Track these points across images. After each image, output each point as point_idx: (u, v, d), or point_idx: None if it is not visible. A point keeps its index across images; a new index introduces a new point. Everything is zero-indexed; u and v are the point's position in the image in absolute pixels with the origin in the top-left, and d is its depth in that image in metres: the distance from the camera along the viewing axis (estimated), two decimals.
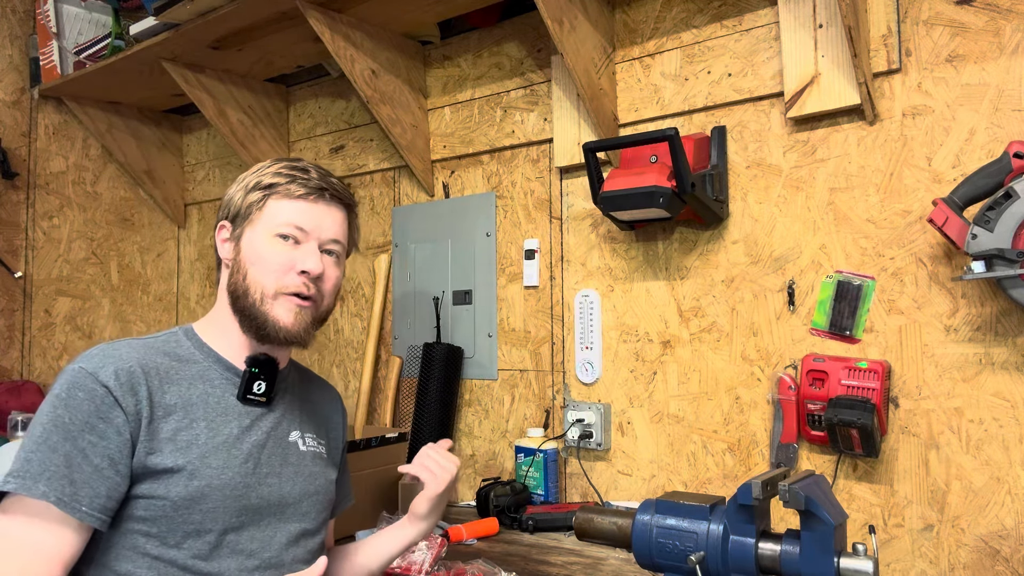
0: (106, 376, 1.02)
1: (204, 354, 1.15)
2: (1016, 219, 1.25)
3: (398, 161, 2.30)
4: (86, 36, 2.54)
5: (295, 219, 1.13)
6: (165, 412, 1.06)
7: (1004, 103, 1.39)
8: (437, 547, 1.47)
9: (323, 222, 1.16)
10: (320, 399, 1.31)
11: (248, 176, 1.18)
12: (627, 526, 1.10)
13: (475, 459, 2.11)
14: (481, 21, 2.10)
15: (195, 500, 1.04)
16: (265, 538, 1.12)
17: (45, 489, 0.97)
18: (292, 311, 1.13)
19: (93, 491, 0.99)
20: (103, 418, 1.01)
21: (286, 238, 1.13)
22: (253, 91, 2.51)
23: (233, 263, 1.15)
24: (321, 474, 1.23)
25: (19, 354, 2.61)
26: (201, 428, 1.08)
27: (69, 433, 1.00)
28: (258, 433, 1.14)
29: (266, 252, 1.12)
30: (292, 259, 1.12)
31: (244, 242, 1.14)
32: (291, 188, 1.14)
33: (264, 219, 1.14)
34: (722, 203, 1.68)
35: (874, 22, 1.50)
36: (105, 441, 1.01)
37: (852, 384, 1.46)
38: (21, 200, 2.63)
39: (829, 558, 0.93)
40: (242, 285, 1.13)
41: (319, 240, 1.15)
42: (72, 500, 0.98)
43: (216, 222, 1.20)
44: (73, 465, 0.99)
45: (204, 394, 1.11)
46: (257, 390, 1.15)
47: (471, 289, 2.13)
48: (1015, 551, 1.36)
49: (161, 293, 3.00)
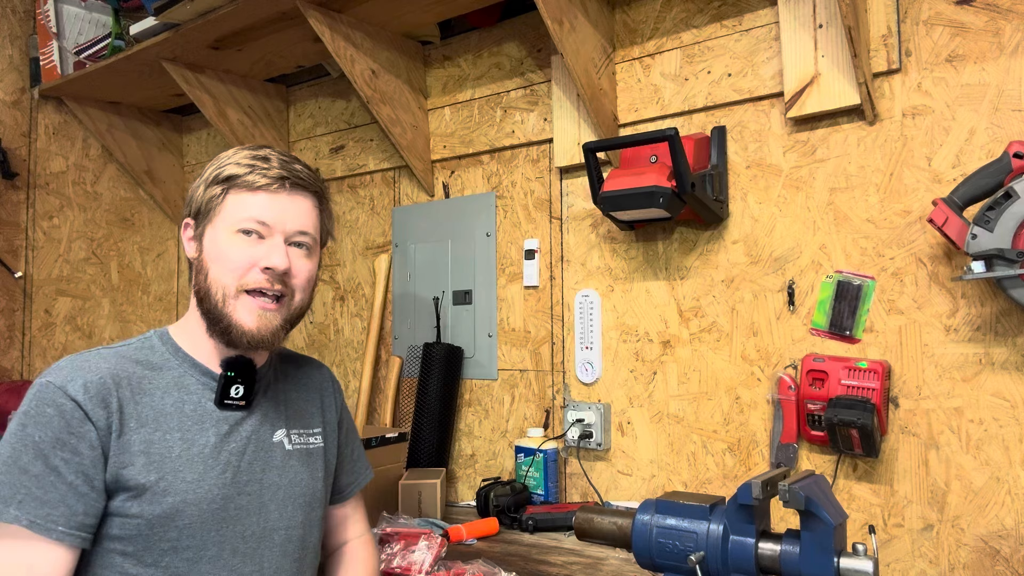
0: (75, 390, 0.98)
1: (179, 359, 1.11)
2: (1016, 219, 1.25)
3: (398, 161, 2.30)
4: (86, 36, 2.54)
5: (256, 212, 1.07)
6: (138, 423, 1.02)
7: (1004, 103, 1.39)
8: (437, 547, 1.47)
9: (287, 214, 1.08)
10: (307, 382, 1.25)
11: (209, 168, 1.12)
12: (627, 526, 1.10)
13: (475, 459, 2.11)
14: (481, 21, 2.10)
15: (170, 517, 1.01)
16: (247, 550, 1.08)
17: (17, 513, 0.94)
18: (255, 314, 1.07)
19: (69, 510, 0.96)
20: (74, 433, 0.97)
21: (248, 233, 1.07)
22: (253, 91, 2.52)
23: (197, 262, 1.10)
24: (308, 474, 1.18)
25: (19, 354, 2.61)
26: (175, 439, 1.04)
27: (40, 452, 0.96)
28: (238, 440, 1.10)
29: (227, 249, 1.06)
30: (254, 256, 1.06)
31: (206, 240, 1.09)
32: (251, 179, 1.07)
33: (224, 214, 1.07)
34: (722, 203, 1.68)
35: (874, 22, 1.50)
36: (78, 457, 0.97)
37: (852, 384, 1.46)
38: (21, 200, 2.63)
39: (829, 558, 0.93)
40: (204, 285, 1.08)
41: (284, 233, 1.08)
42: (47, 522, 0.94)
43: (181, 219, 1.15)
44: (46, 485, 0.95)
45: (179, 402, 1.07)
46: (235, 394, 1.10)
47: (471, 289, 2.13)
48: (1015, 551, 1.36)
49: (161, 293, 3.00)
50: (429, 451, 2.04)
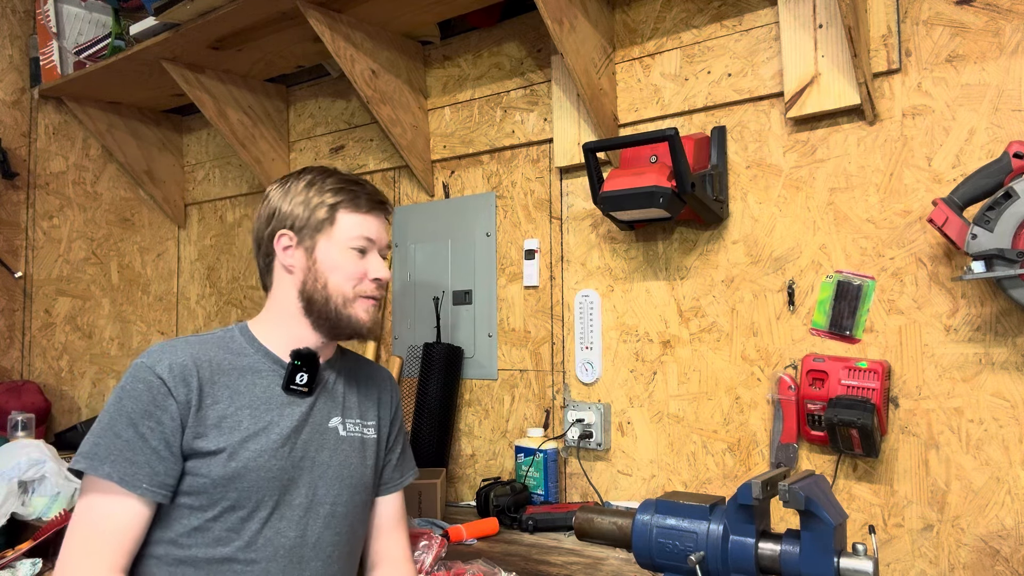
0: (162, 369, 1.17)
1: (255, 348, 1.29)
2: (1016, 219, 1.25)
3: (398, 161, 2.30)
4: (86, 36, 2.54)
5: (365, 232, 1.30)
6: (213, 400, 1.20)
7: (1004, 103, 1.39)
8: (437, 547, 1.47)
9: (381, 232, 1.33)
10: (369, 382, 1.42)
11: (303, 190, 1.30)
12: (627, 526, 1.10)
13: (475, 459, 2.11)
14: (481, 21, 2.10)
15: (231, 479, 1.18)
16: (294, 516, 1.24)
17: (109, 470, 1.13)
18: (368, 310, 1.31)
19: (152, 470, 1.15)
20: (159, 406, 1.16)
21: (358, 249, 1.29)
22: (253, 91, 2.52)
23: (306, 271, 1.29)
24: (358, 459, 1.33)
25: (19, 354, 2.61)
26: (245, 415, 1.22)
27: (131, 420, 1.15)
28: (297, 419, 1.26)
29: (342, 262, 1.28)
30: (364, 268, 1.29)
31: (319, 252, 1.28)
32: (358, 203, 1.30)
33: (337, 232, 1.28)
34: (722, 203, 1.68)
35: (874, 22, 1.50)
36: (161, 426, 1.16)
37: (852, 384, 1.46)
38: (21, 200, 2.63)
39: (829, 558, 0.93)
40: (322, 292, 1.28)
41: (379, 248, 1.32)
42: (133, 479, 1.13)
43: (266, 231, 1.31)
44: (135, 448, 1.14)
45: (251, 384, 1.25)
46: (300, 381, 1.28)
47: (471, 289, 2.13)
48: (1015, 551, 1.36)
49: (161, 293, 3.00)
50: (429, 451, 2.04)
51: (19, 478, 1.90)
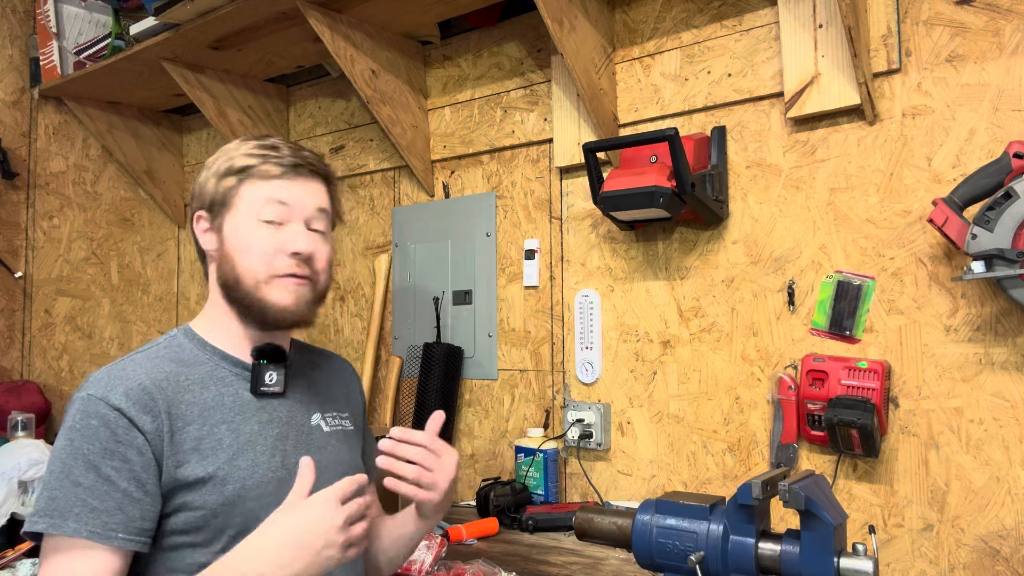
0: (117, 399, 1.00)
1: (208, 353, 1.12)
2: (1016, 219, 1.25)
3: (398, 161, 2.30)
4: (86, 36, 2.54)
5: (276, 197, 1.10)
6: (184, 422, 1.04)
7: (1004, 103, 1.39)
8: (437, 547, 1.47)
9: (304, 199, 1.12)
10: (331, 369, 1.29)
11: (217, 160, 1.13)
12: (627, 526, 1.10)
13: (475, 459, 2.11)
14: (481, 21, 2.10)
15: (232, 504, 1.03)
16: None
17: (75, 526, 0.95)
18: (291, 291, 1.10)
19: (126, 516, 0.97)
20: (121, 441, 0.99)
21: (270, 221, 1.09)
22: (253, 91, 2.52)
23: (219, 254, 1.12)
24: (348, 453, 1.22)
25: (19, 354, 2.61)
26: (223, 431, 1.06)
27: (90, 463, 0.97)
28: (278, 425, 1.12)
29: (252, 238, 1.09)
30: (280, 241, 1.09)
31: (227, 230, 1.11)
32: (266, 169, 1.10)
33: (243, 204, 1.10)
34: (722, 203, 1.68)
35: (874, 22, 1.50)
36: (128, 464, 0.98)
37: (852, 384, 1.46)
38: (21, 200, 2.63)
39: (829, 558, 0.93)
40: (232, 275, 1.10)
41: (304, 217, 1.12)
42: (105, 530, 0.96)
43: (191, 213, 1.15)
44: (100, 494, 0.97)
45: (218, 395, 1.09)
46: (270, 381, 1.13)
47: (471, 289, 2.13)
48: (1015, 551, 1.36)
49: (161, 293, 3.00)
50: None
51: (19, 478, 1.91)
